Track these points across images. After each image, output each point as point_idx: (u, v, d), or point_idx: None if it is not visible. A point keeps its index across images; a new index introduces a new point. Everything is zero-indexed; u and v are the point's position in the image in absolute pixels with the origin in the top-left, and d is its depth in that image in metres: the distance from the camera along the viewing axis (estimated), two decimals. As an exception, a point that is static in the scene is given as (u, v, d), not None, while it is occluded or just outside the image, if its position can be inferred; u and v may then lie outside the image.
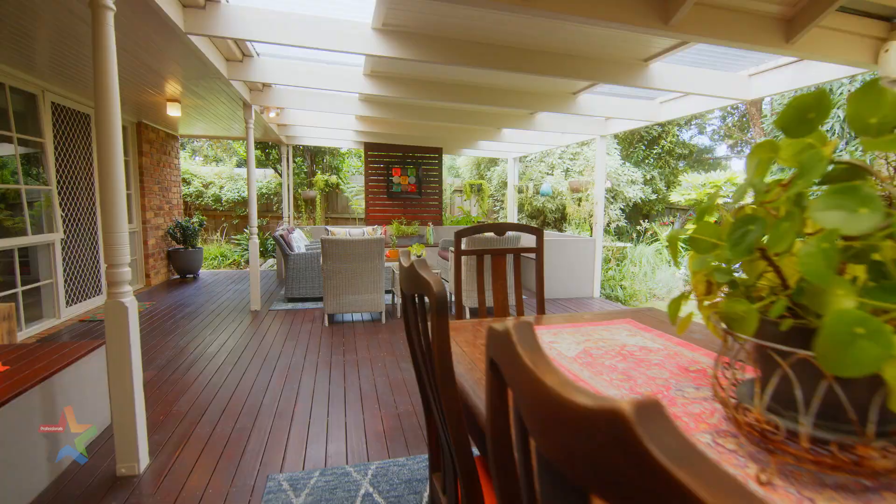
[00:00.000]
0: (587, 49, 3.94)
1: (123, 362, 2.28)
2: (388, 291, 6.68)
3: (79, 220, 5.67)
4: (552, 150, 10.29)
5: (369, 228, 5.57)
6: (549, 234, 7.60)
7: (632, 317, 1.88)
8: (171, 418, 2.96)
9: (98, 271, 6.09)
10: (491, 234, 5.45)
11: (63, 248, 5.32)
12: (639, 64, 4.16)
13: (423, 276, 0.99)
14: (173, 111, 5.77)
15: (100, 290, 6.15)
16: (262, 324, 5.24)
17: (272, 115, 6.33)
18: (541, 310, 2.36)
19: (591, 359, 1.41)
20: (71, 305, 5.45)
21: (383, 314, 5.31)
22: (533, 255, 6.70)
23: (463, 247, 7.16)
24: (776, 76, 4.36)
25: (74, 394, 2.53)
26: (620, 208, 10.59)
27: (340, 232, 5.49)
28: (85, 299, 5.74)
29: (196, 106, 6.22)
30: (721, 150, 17.64)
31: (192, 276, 8.29)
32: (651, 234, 11.44)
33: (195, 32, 3.33)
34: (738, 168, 15.81)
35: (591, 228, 10.27)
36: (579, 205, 9.20)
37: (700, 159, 15.60)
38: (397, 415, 3.06)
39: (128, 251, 2.35)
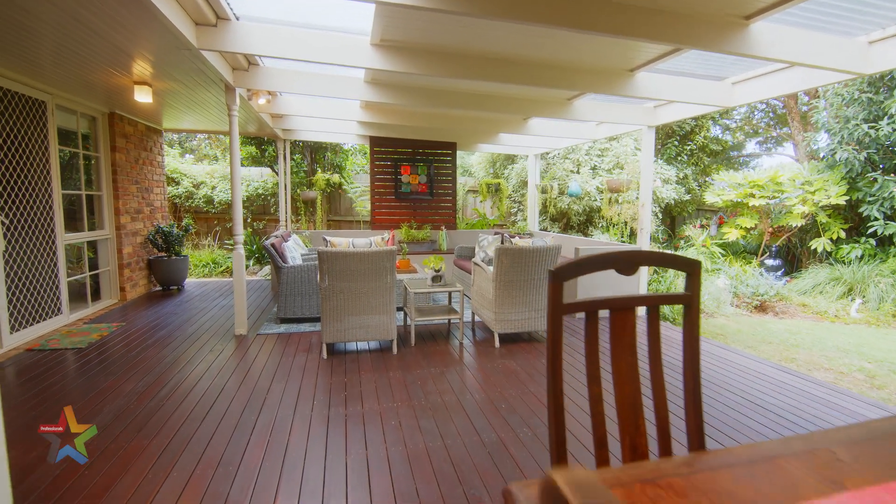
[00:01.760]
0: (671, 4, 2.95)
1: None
2: (399, 308, 5.71)
3: (29, 226, 4.73)
4: (579, 145, 9.29)
5: (377, 238, 4.60)
6: (582, 242, 6.61)
7: None
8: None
9: (57, 287, 5.15)
10: (524, 245, 4.47)
11: (6, 262, 4.39)
12: (737, 22, 3.17)
13: None
14: (142, 96, 4.82)
15: (59, 310, 5.21)
16: (247, 355, 4.27)
17: (262, 101, 5.37)
18: (697, 435, 1.36)
19: None
20: (17, 331, 4.50)
21: (395, 342, 4.33)
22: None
23: (482, 258, 6.16)
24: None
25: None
26: (653, 211, 9.56)
27: (342, 242, 4.52)
28: (36, 322, 4.80)
29: (173, 92, 5.27)
30: (748, 147, 16.56)
31: (176, 287, 7.35)
32: (684, 239, 10.40)
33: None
34: (769, 166, 14.74)
35: (632, 235, 9.32)
36: (611, 205, 8.21)
37: (728, 157, 14.54)
38: (423, 521, 2.08)
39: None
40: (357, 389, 3.48)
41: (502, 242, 7.04)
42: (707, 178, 11.46)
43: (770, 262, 10.41)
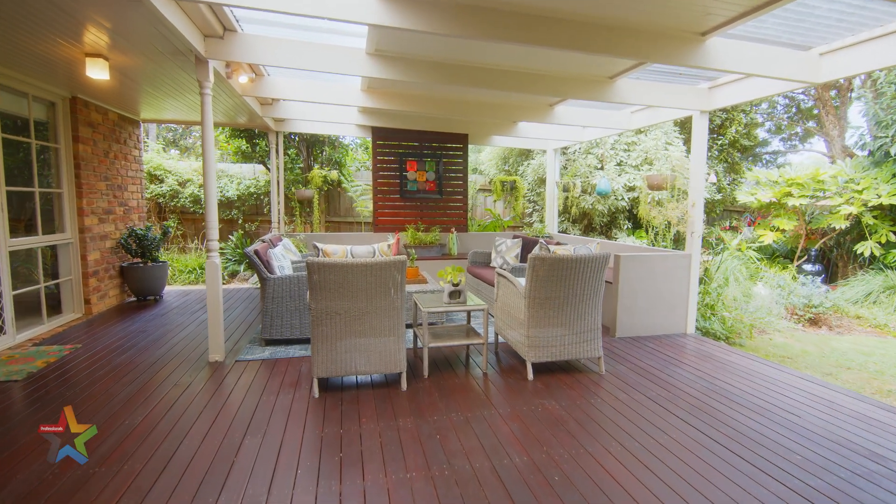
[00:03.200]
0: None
1: None
2: (407, 325, 4.85)
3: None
4: (604, 138, 8.43)
5: (382, 245, 3.73)
6: (625, 249, 5.74)
7: None
8: None
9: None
10: (564, 253, 3.62)
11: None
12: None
13: None
14: (97, 72, 3.96)
15: (2, 329, 4.36)
16: (219, 391, 3.41)
17: (243, 80, 4.51)
18: None
19: None
20: (-62, 358, 3.66)
21: (403, 376, 3.46)
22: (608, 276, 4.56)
23: (500, 264, 5.27)
24: None
25: None
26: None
27: (337, 251, 3.65)
28: (-34, 346, 3.95)
29: (140, 70, 4.42)
30: (772, 144, 15.67)
31: (153, 297, 6.50)
32: (716, 243, 9.51)
33: None
34: (797, 163, 13.84)
35: (677, 240, 8.41)
36: (651, 204, 7.31)
37: (754, 154, 13.65)
38: None
39: None
40: (356, 448, 2.62)
41: (523, 247, 6.18)
42: (736, 177, 10.58)
43: (809, 267, 9.54)
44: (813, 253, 9.59)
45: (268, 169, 9.07)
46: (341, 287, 3.18)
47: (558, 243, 5.20)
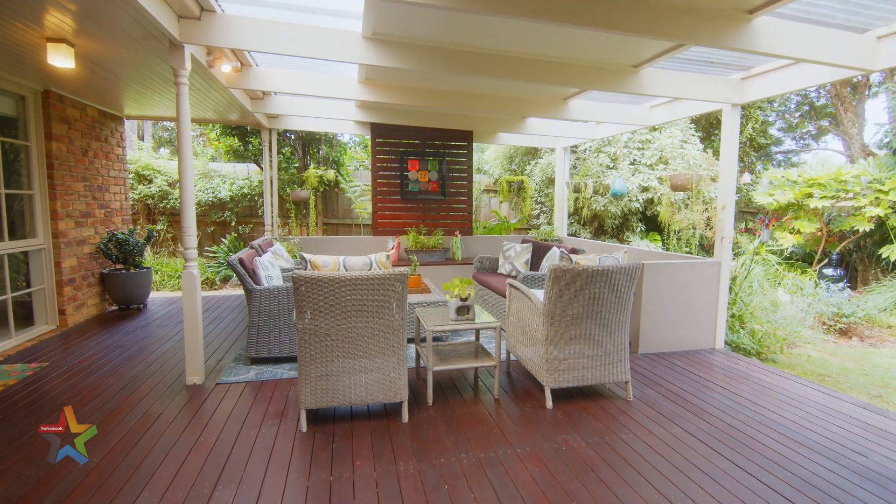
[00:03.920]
0: None
1: None
2: (409, 340, 4.41)
3: None
4: (616, 136, 7.97)
5: (380, 256, 3.29)
6: (647, 255, 5.29)
7: None
8: None
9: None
10: (588, 263, 3.18)
11: None
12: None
13: None
14: (60, 59, 3.53)
15: (-42, 346, 3.93)
16: (194, 423, 2.97)
17: (226, 68, 4.07)
18: None
19: None
20: None
21: (405, 406, 3.02)
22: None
23: (508, 270, 4.80)
24: None
25: None
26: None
27: (327, 262, 3.20)
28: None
29: (115, 59, 3.99)
30: (786, 143, 15.19)
31: (136, 306, 6.07)
32: (733, 245, 9.04)
33: None
34: (812, 163, 13.37)
35: (702, 247, 7.95)
36: (672, 206, 6.86)
37: (767, 154, 13.18)
38: None
39: None
40: (348, 502, 2.18)
41: (534, 253, 5.73)
42: (752, 177, 10.11)
43: (830, 271, 9.08)
44: (835, 257, 9.13)
45: (261, 168, 8.63)
46: (333, 304, 2.74)
47: (574, 250, 4.75)
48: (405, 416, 2.99)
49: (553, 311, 3.13)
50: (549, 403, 3.20)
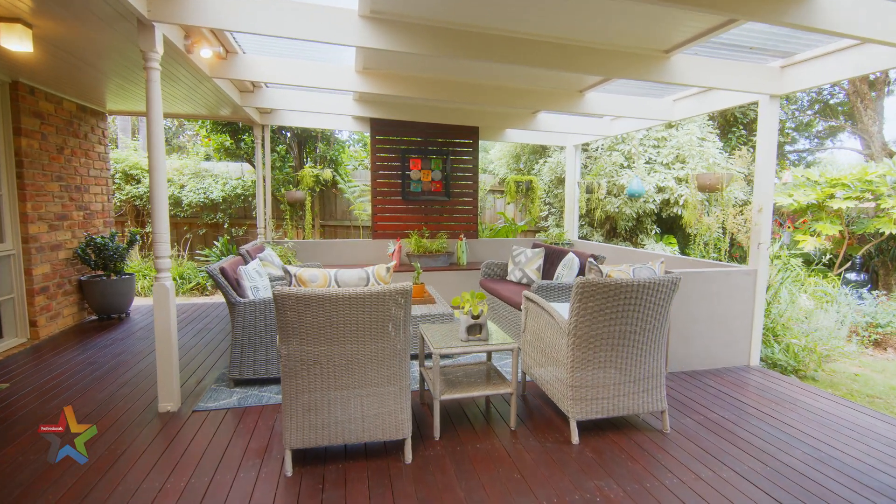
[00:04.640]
0: None
1: None
2: (413, 356, 3.98)
3: None
4: (631, 134, 7.54)
5: (379, 269, 2.85)
6: (677, 263, 4.86)
7: None
8: None
9: None
10: (621, 277, 2.75)
11: None
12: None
13: None
14: (14, 42, 3.10)
15: None
16: (162, 462, 2.54)
17: (207, 54, 3.63)
18: None
19: None
20: None
21: (408, 444, 2.58)
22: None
23: (518, 278, 4.30)
24: None
25: None
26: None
27: (317, 277, 2.76)
28: None
29: (79, 43, 3.56)
30: (800, 142, 14.73)
31: (118, 315, 5.64)
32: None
33: None
34: (826, 162, 12.92)
35: (734, 253, 7.43)
36: (696, 208, 6.38)
37: (782, 153, 12.73)
38: None
39: None
40: (338, 582, 1.75)
41: (546, 258, 5.29)
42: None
43: (853, 276, 8.63)
44: (859, 260, 8.69)
45: (254, 167, 8.21)
46: (323, 326, 2.31)
47: (594, 256, 4.32)
48: (408, 456, 2.56)
49: (581, 332, 2.70)
50: (576, 438, 2.77)
